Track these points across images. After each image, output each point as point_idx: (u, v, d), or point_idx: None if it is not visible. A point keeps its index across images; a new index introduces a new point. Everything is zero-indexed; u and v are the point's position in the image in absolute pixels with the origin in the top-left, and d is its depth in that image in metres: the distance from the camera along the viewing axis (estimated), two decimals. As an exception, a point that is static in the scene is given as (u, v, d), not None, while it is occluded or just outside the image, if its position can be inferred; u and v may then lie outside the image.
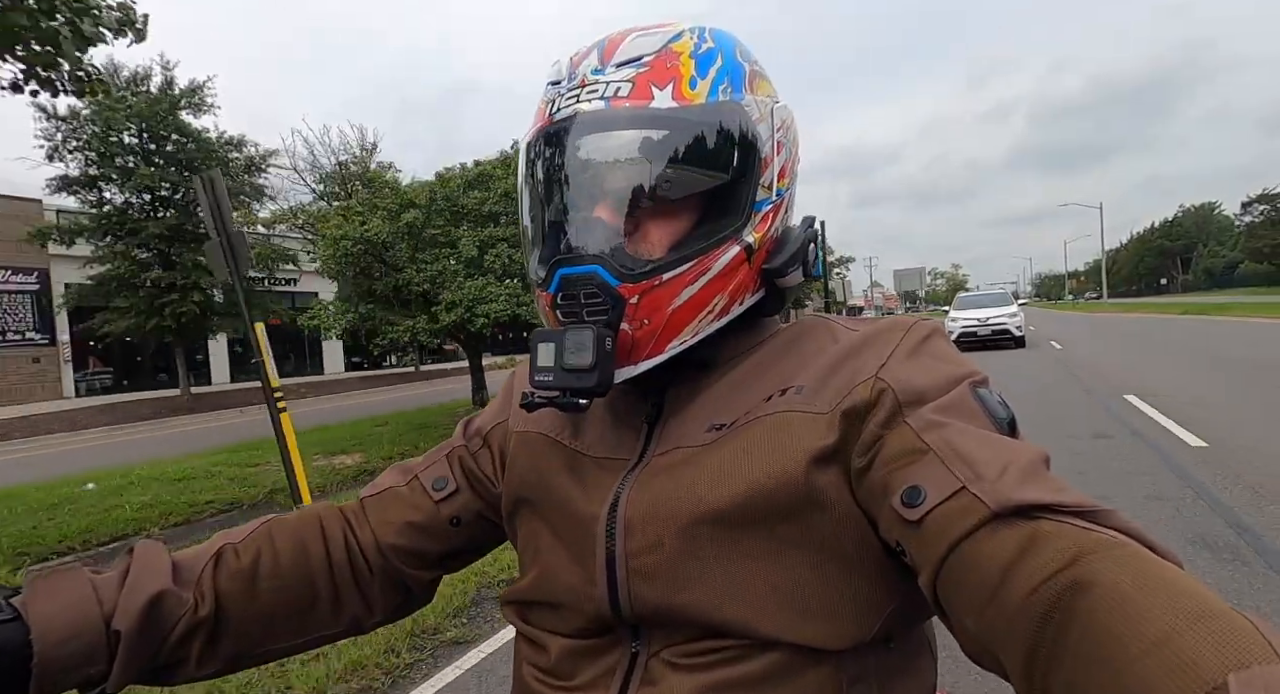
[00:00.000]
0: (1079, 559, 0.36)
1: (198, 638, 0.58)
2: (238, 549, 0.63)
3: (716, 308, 0.57)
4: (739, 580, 0.52)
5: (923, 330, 0.57)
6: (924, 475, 0.45)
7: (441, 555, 0.70)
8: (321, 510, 0.70)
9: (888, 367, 0.53)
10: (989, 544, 0.40)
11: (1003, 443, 0.46)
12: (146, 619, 0.54)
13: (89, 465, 7.94)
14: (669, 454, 0.57)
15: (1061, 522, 0.40)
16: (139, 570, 0.56)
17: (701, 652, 0.53)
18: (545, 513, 0.63)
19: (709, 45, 0.59)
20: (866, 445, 0.50)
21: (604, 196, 0.57)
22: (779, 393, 0.56)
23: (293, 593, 0.63)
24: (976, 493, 0.42)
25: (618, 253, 0.56)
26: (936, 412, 0.48)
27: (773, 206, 0.60)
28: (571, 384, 0.54)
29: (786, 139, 0.62)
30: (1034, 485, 0.42)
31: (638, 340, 0.56)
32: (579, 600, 0.57)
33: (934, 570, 0.43)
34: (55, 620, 0.51)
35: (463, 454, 0.71)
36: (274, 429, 4.84)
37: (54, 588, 0.52)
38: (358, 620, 0.67)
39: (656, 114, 0.55)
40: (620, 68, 0.57)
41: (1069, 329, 23.75)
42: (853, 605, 0.51)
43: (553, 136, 0.58)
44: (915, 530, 0.44)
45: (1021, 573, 0.38)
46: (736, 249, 0.57)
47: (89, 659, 0.51)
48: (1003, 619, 0.38)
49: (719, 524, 0.52)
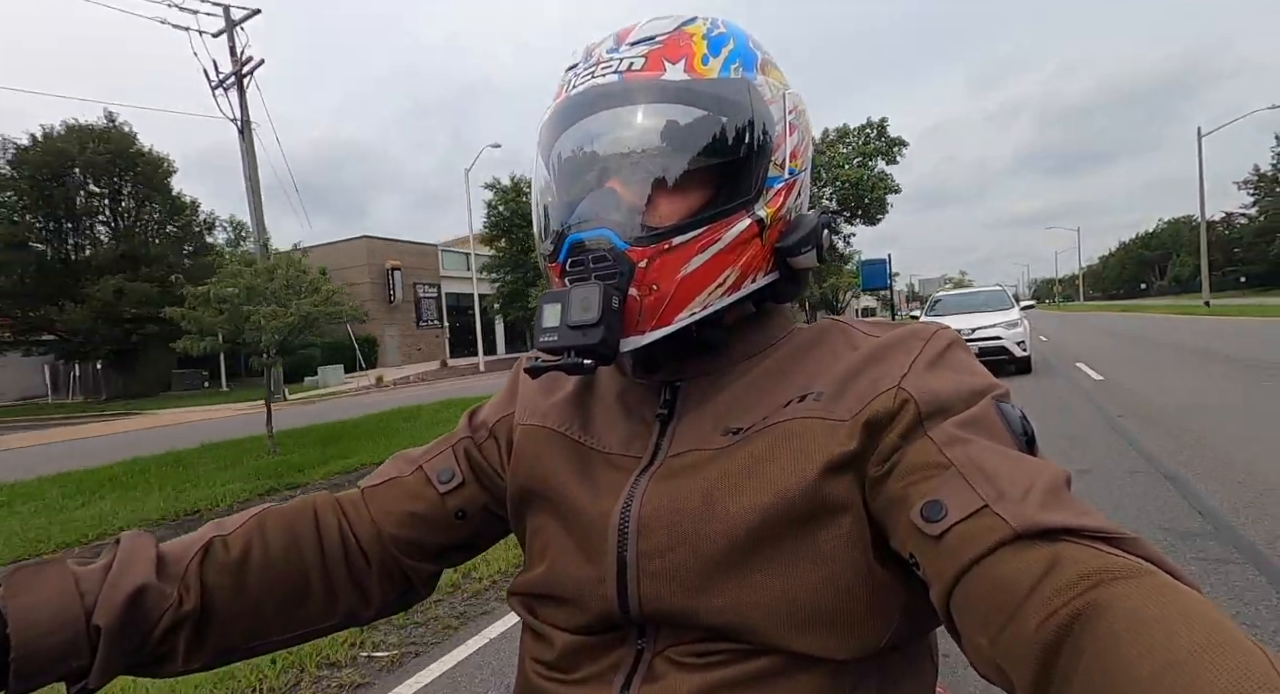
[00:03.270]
0: (1099, 584, 0.36)
1: (183, 632, 0.57)
2: (227, 541, 0.62)
3: (727, 281, 0.57)
4: (751, 588, 0.51)
5: (943, 340, 0.56)
6: (946, 491, 0.45)
7: (443, 548, 0.70)
8: (317, 500, 0.69)
9: (910, 376, 0.52)
10: (1009, 564, 0.40)
11: (1026, 462, 0.45)
12: (128, 614, 0.53)
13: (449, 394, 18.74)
14: (683, 456, 0.57)
15: (1084, 546, 0.39)
16: (122, 563, 0.55)
17: (707, 652, 0.53)
18: (554, 508, 0.62)
19: (721, 30, 0.60)
20: (884, 455, 0.50)
21: (616, 167, 0.57)
22: (797, 399, 0.55)
23: (284, 586, 0.62)
24: (999, 512, 0.42)
25: (627, 219, 0.55)
26: (959, 426, 0.48)
27: (785, 184, 0.60)
28: (577, 341, 0.53)
29: (799, 123, 0.62)
30: (1058, 508, 0.41)
31: (646, 308, 0.55)
32: (587, 597, 0.57)
33: (949, 586, 0.43)
34: (35, 613, 0.50)
35: (468, 446, 0.70)
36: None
37: (35, 580, 0.52)
38: (353, 613, 0.67)
39: (668, 85, 0.56)
40: (634, 46, 0.58)
41: (1045, 323, 34.19)
42: (863, 615, 0.51)
43: (567, 112, 0.59)
44: (933, 545, 0.44)
45: (1040, 595, 0.38)
46: (748, 221, 0.57)
47: (70, 653, 0.51)
48: (1017, 639, 0.38)
49: (734, 531, 0.52)
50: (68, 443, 12.94)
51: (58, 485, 7.07)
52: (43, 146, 22.75)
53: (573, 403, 0.67)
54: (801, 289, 0.64)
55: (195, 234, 26.76)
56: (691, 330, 0.57)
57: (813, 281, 0.85)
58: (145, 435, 13.19)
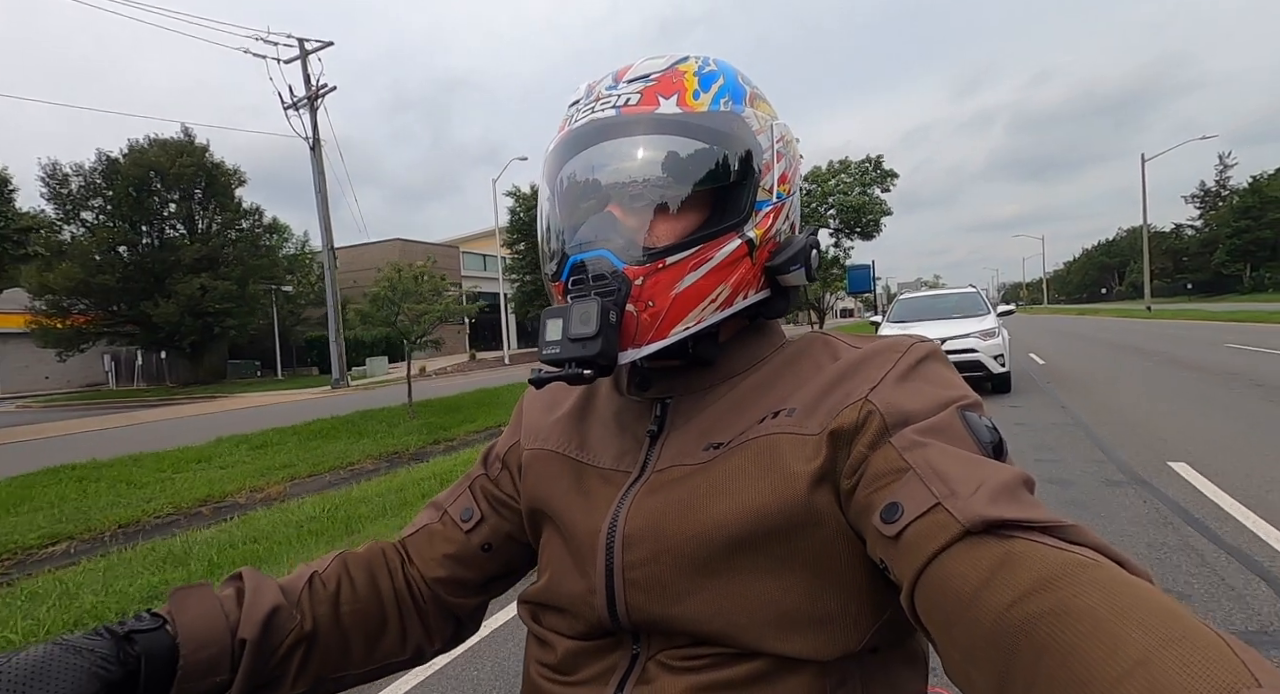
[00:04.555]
0: (1053, 581, 0.37)
1: (298, 653, 0.62)
2: (323, 577, 0.67)
3: (720, 297, 0.60)
4: (731, 595, 0.53)
5: (919, 352, 0.58)
6: (903, 492, 0.46)
7: (482, 582, 0.74)
8: (383, 546, 0.74)
9: (878, 390, 0.54)
10: (962, 561, 0.41)
11: (982, 463, 0.46)
12: (267, 630, 0.59)
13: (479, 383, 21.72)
14: (667, 472, 0.60)
15: (1034, 541, 0.40)
16: (254, 588, 0.61)
17: (695, 656, 0.55)
18: (556, 523, 0.66)
19: (711, 68, 0.64)
20: (854, 467, 0.51)
21: (614, 195, 0.61)
22: (772, 415, 0.58)
23: (368, 619, 0.68)
24: (950, 509, 0.43)
25: (625, 242, 0.59)
26: (920, 433, 0.49)
27: (773, 207, 0.63)
28: (577, 353, 0.56)
29: (786, 152, 0.65)
30: (1005, 503, 0.42)
31: (643, 323, 0.58)
32: (581, 607, 0.60)
33: (911, 586, 0.44)
34: (193, 628, 0.55)
35: (484, 483, 0.75)
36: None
37: (190, 601, 0.57)
38: (420, 649, 0.71)
39: (662, 118, 0.60)
40: (631, 83, 0.62)
41: (1013, 326, 38.31)
42: (841, 620, 0.52)
43: (569, 144, 0.63)
44: (893, 546, 0.45)
45: (993, 592, 0.38)
46: (738, 241, 0.60)
47: (218, 667, 0.56)
48: (975, 639, 0.38)
49: (712, 542, 0.54)
50: (195, 418, 15.00)
51: (292, 435, 9.40)
52: (132, 159, 25.42)
53: (572, 421, 0.71)
54: (791, 306, 0.68)
55: (258, 236, 29.56)
56: (688, 346, 0.61)
57: (806, 283, 0.68)
58: (251, 413, 14.95)
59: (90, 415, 17.86)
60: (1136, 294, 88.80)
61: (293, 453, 8.17)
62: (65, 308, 24.78)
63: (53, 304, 24.53)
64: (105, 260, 24.79)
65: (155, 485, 6.73)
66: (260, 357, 31.38)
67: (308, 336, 31.69)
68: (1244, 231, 59.43)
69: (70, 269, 23.61)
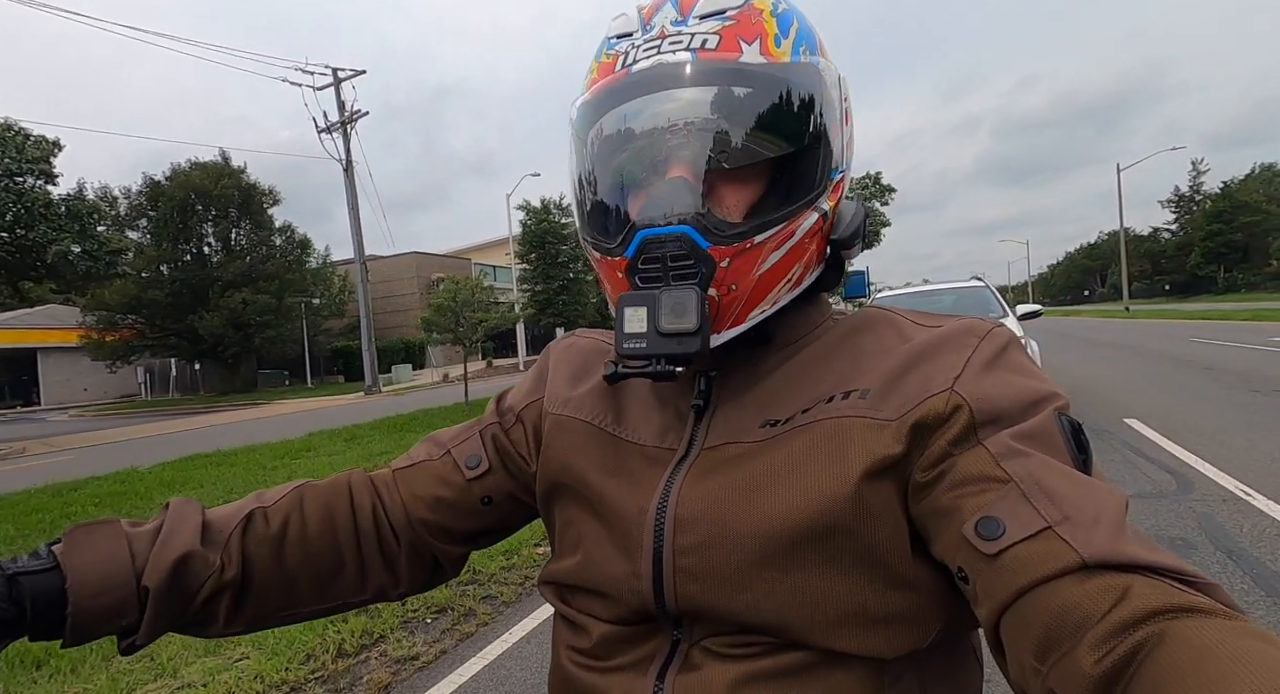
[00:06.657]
0: (1167, 618, 0.35)
1: (224, 598, 0.58)
2: (268, 513, 0.63)
3: (794, 276, 0.56)
4: (793, 588, 0.50)
5: (1000, 338, 0.54)
6: (1004, 508, 0.43)
7: (470, 532, 0.70)
8: (353, 478, 0.69)
9: (963, 378, 0.50)
10: (1074, 593, 0.39)
11: (1089, 485, 0.43)
12: (174, 578, 0.55)
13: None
14: (720, 449, 0.56)
15: (1157, 581, 0.38)
16: (170, 529, 0.57)
17: (744, 643, 0.52)
18: (587, 502, 0.61)
19: (785, 7, 0.57)
20: (932, 461, 0.48)
21: (690, 155, 0.53)
22: (841, 395, 0.53)
23: (318, 561, 0.63)
24: (1066, 538, 0.40)
25: (707, 215, 0.52)
26: (1017, 438, 0.46)
27: (842, 175, 0.58)
28: (672, 349, 0.51)
29: (850, 109, 0.60)
30: (1131, 541, 0.40)
31: (723, 307, 0.53)
32: (623, 592, 0.56)
33: (1002, 606, 0.42)
34: (90, 572, 0.52)
35: (496, 432, 0.70)
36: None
37: (91, 540, 0.54)
38: (383, 590, 0.68)
39: (747, 70, 0.53)
40: (704, 20, 0.54)
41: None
42: (909, 619, 0.50)
43: (628, 90, 0.55)
44: (988, 563, 0.42)
45: (1105, 628, 0.36)
46: (815, 216, 0.55)
47: (122, 611, 0.53)
48: (1075, 671, 0.37)
49: (776, 532, 0.50)
50: (255, 421, 16.25)
51: (374, 429, 10.67)
52: (176, 181, 27.15)
53: (604, 394, 0.66)
54: (841, 277, 0.63)
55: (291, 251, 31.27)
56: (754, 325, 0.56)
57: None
58: (302, 417, 16.01)
59: (151, 421, 19.28)
60: (1118, 296, 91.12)
61: (384, 443, 9.27)
62: (115, 322, 26.36)
63: (104, 319, 26.10)
64: (152, 277, 26.52)
65: (283, 468, 7.75)
66: (286, 366, 32.93)
67: (333, 346, 33.30)
68: (1216, 235, 61.90)
69: (125, 285, 25.34)
